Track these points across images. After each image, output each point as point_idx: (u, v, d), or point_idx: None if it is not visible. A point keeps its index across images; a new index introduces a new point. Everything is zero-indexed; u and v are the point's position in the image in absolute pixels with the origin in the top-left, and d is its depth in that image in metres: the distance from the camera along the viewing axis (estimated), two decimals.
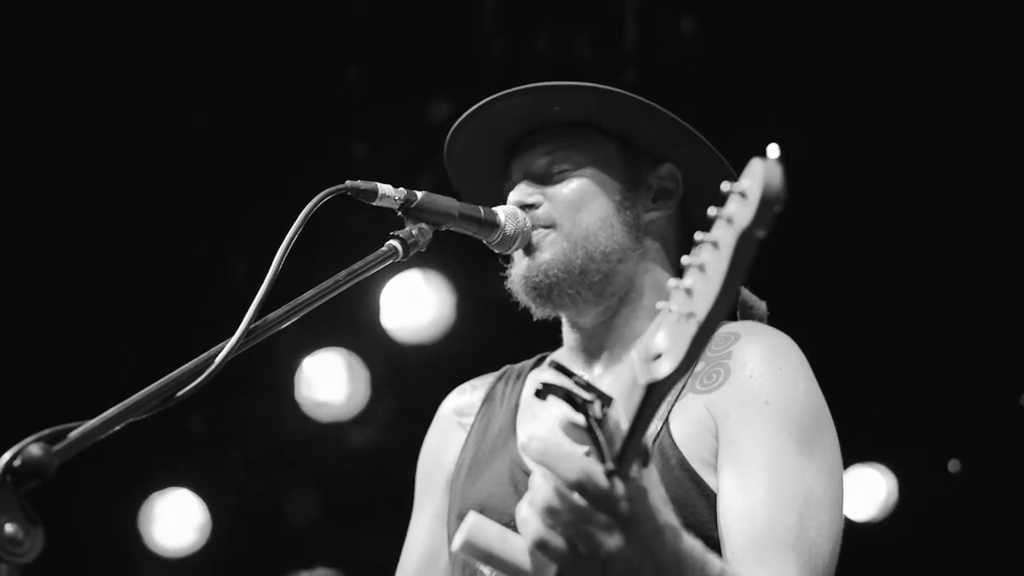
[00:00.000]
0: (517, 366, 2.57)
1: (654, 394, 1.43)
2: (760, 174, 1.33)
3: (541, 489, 1.50)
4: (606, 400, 1.51)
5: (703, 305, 1.36)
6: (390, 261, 2.11)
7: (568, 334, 2.45)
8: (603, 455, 1.49)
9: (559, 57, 5.71)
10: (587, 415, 1.50)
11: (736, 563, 1.92)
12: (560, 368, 1.58)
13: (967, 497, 6.54)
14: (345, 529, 5.63)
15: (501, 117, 2.41)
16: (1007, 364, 6.21)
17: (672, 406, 2.17)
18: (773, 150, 1.35)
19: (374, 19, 5.85)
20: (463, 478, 2.41)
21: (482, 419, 2.49)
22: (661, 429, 2.15)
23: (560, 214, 2.34)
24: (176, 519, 6.61)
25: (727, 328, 2.26)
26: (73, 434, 1.64)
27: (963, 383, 6.26)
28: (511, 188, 2.40)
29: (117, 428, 1.69)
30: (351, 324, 6.34)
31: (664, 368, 1.40)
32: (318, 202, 2.03)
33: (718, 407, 2.14)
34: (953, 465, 6.72)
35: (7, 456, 1.56)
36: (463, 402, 2.57)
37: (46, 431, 1.61)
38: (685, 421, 2.15)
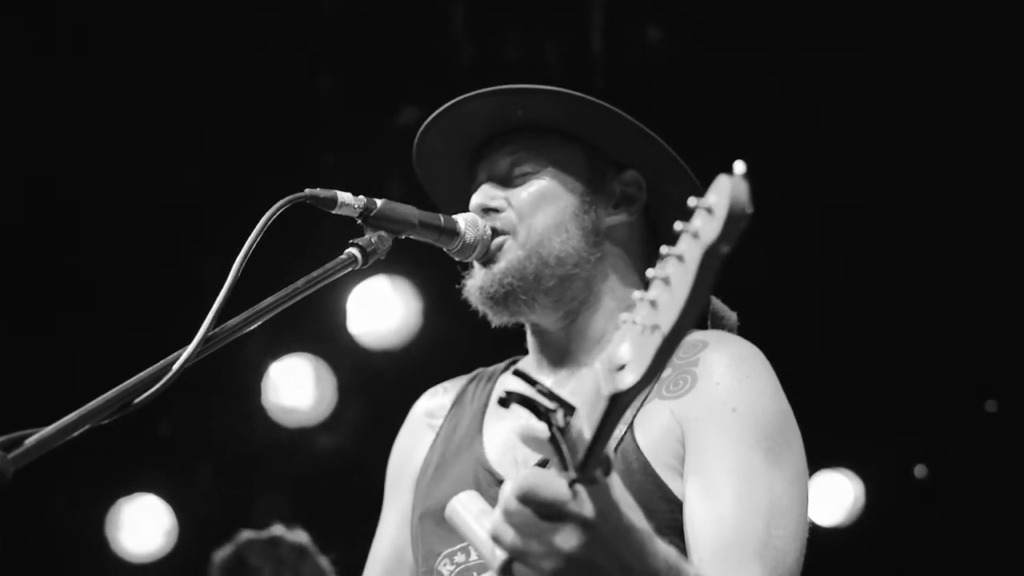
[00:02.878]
0: (489, 369, 2.58)
1: (617, 405, 1.45)
2: (727, 190, 1.34)
3: (505, 488, 1.54)
4: (569, 409, 1.52)
5: (668, 318, 1.38)
6: (349, 269, 2.11)
7: (531, 339, 2.47)
8: (565, 464, 1.51)
9: (528, 64, 5.73)
10: (550, 424, 1.52)
11: (703, 570, 1.93)
12: (523, 376, 1.59)
13: (934, 502, 6.58)
14: (313, 534, 5.61)
15: (466, 120, 2.42)
16: (974, 369, 6.26)
17: (637, 411, 2.18)
18: (739, 166, 1.36)
19: (343, 25, 5.85)
20: (428, 478, 2.42)
21: (451, 420, 2.50)
22: (625, 434, 2.16)
23: (518, 217, 2.35)
24: (143, 524, 6.60)
25: (695, 336, 2.27)
26: (29, 441, 1.64)
27: (930, 388, 6.30)
28: (475, 190, 2.41)
29: (74, 435, 1.69)
30: (318, 330, 6.34)
31: (628, 379, 1.42)
32: (277, 210, 2.03)
33: (685, 413, 2.14)
34: (919, 470, 6.76)
35: None
36: (434, 404, 2.58)
37: (1, 438, 1.61)
38: (650, 427, 2.16)
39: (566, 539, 1.52)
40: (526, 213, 2.34)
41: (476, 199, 2.38)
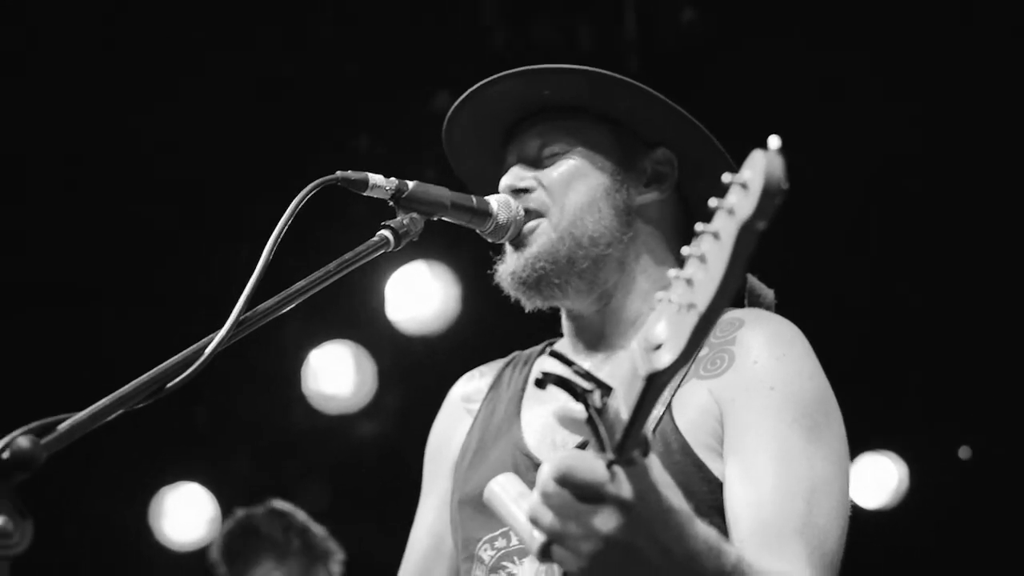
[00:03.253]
0: (525, 352, 2.56)
1: (654, 384, 1.43)
2: (761, 165, 1.32)
3: (542, 471, 1.53)
4: (606, 390, 1.51)
5: (704, 296, 1.36)
6: (381, 251, 2.10)
7: (566, 323, 2.45)
8: (603, 445, 1.50)
9: (561, 47, 5.71)
10: (587, 405, 1.51)
11: (744, 550, 1.91)
12: (559, 357, 1.58)
13: (978, 484, 6.53)
14: (354, 521, 5.63)
15: (494, 102, 2.40)
16: (1019, 351, 6.19)
17: (675, 391, 2.16)
18: (774, 141, 1.34)
19: (376, 10, 5.85)
20: (467, 463, 2.40)
21: (488, 405, 2.48)
22: (663, 415, 2.14)
23: (550, 198, 2.33)
24: (186, 513, 6.64)
25: (732, 314, 2.25)
26: (62, 426, 1.63)
27: (975, 370, 6.25)
28: (505, 172, 2.39)
29: (106, 420, 1.69)
30: (357, 316, 6.34)
31: (665, 359, 1.40)
32: (308, 193, 2.02)
33: (723, 393, 2.12)
34: (964, 452, 6.71)
35: None
36: (471, 388, 2.56)
37: (35, 423, 1.61)
38: (688, 407, 2.14)
39: (604, 521, 1.51)
40: (557, 193, 2.32)
41: (506, 180, 2.37)
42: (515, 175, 2.37)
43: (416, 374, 6.34)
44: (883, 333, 6.26)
